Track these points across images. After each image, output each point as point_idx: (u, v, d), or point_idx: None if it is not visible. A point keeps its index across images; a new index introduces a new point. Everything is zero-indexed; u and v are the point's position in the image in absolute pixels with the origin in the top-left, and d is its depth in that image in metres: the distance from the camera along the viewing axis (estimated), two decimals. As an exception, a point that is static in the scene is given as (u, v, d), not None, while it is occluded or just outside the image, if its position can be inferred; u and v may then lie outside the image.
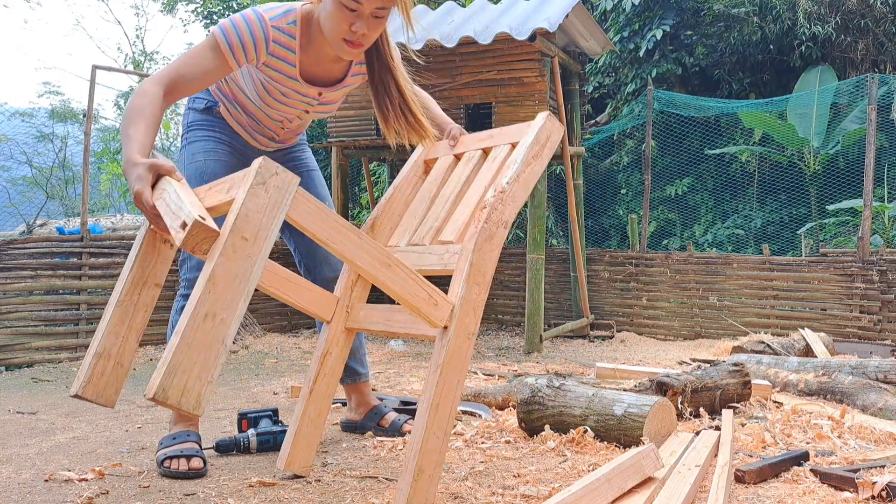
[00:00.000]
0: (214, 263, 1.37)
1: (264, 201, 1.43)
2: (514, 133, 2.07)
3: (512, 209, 1.87)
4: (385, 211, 2.23)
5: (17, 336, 5.23)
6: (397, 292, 1.72)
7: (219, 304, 1.36)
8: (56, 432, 2.85)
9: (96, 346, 1.72)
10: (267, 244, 1.44)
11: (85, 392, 1.71)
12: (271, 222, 1.44)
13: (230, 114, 2.35)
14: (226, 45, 1.98)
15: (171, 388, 1.31)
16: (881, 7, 8.38)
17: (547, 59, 5.70)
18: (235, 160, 2.35)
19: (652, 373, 3.52)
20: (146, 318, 1.80)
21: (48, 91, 15.59)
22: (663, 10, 9.14)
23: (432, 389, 1.71)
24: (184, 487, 1.99)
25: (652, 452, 1.91)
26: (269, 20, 2.03)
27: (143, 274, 1.78)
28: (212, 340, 1.35)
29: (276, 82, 2.16)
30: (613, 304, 6.94)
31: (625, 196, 9.54)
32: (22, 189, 13.30)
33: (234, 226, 1.39)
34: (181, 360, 1.32)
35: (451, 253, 1.86)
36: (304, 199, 1.56)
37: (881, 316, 5.84)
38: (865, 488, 1.86)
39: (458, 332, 1.75)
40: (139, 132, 1.78)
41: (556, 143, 2.01)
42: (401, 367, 4.74)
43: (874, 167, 6.15)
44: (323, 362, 2.06)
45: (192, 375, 1.32)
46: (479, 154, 2.16)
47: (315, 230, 1.59)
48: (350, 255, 1.65)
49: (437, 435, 1.71)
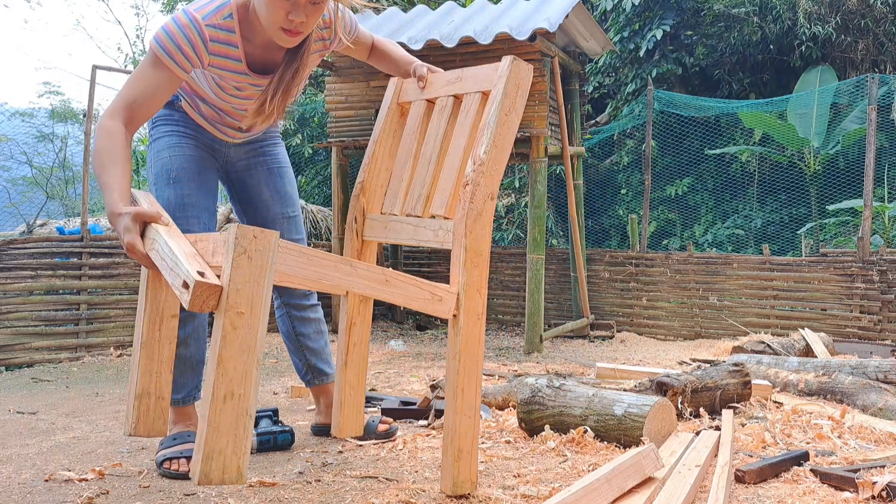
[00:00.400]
0: (219, 347, 1.42)
1: (250, 270, 1.43)
2: (483, 78, 2.00)
3: (495, 178, 1.87)
4: (371, 171, 2.20)
5: (17, 336, 5.23)
6: (401, 303, 1.77)
7: (234, 382, 1.42)
8: (56, 432, 2.85)
9: (134, 388, 1.84)
10: (264, 308, 1.46)
11: (137, 431, 1.84)
12: (262, 288, 1.45)
13: (192, 108, 2.26)
14: (166, 56, 1.90)
15: (212, 471, 1.41)
16: (881, 7, 8.38)
17: (547, 59, 5.70)
18: (203, 153, 2.28)
19: (652, 373, 3.52)
20: (172, 348, 1.88)
21: (48, 91, 15.59)
22: (663, 10, 9.14)
23: (455, 376, 1.83)
24: (184, 487, 1.99)
25: (652, 452, 1.91)
26: (201, 20, 1.93)
27: (157, 310, 1.86)
28: (236, 417, 1.42)
29: (226, 80, 2.08)
30: (613, 304, 6.94)
31: (625, 196, 9.54)
32: (22, 189, 13.29)
33: (228, 304, 1.41)
34: (213, 444, 1.41)
35: (446, 230, 1.89)
36: (287, 251, 1.54)
37: (881, 316, 5.84)
38: (865, 488, 1.86)
39: (468, 316, 1.83)
40: (113, 178, 1.75)
41: (527, 89, 1.95)
42: (401, 367, 4.74)
43: (874, 167, 6.15)
44: (350, 333, 2.12)
45: (227, 454, 1.42)
46: (451, 101, 2.09)
47: (305, 277, 1.58)
48: (347, 286, 1.66)
49: (469, 415, 1.84)
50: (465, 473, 1.85)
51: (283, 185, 2.43)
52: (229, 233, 1.44)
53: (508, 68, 1.90)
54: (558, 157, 6.27)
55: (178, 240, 1.62)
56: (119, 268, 5.70)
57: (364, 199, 2.18)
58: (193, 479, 1.42)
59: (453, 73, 2.12)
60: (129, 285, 5.76)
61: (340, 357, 2.17)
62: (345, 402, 2.15)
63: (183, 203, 2.19)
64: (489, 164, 1.84)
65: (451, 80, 2.11)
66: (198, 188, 2.23)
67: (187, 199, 2.20)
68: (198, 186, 2.23)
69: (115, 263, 5.68)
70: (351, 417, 2.16)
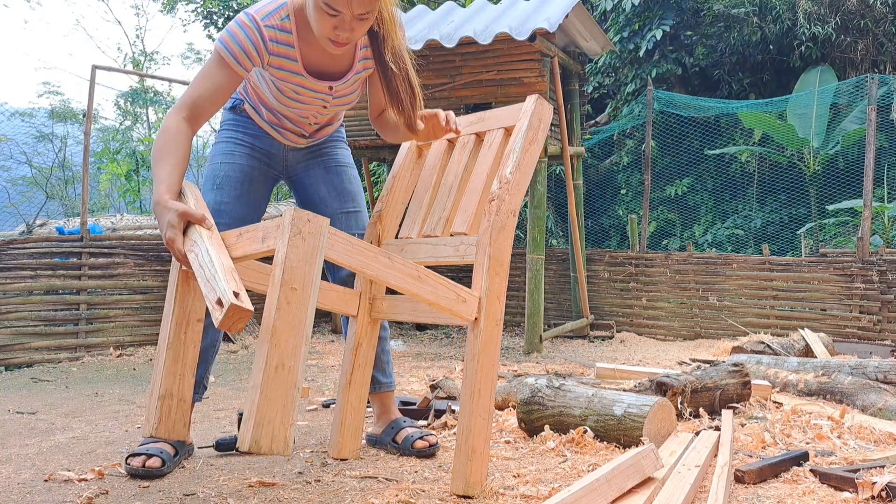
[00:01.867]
0: (273, 318, 1.48)
1: (304, 250, 1.53)
2: (505, 117, 2.13)
3: (517, 197, 1.98)
4: (389, 202, 2.31)
5: (16, 336, 5.22)
6: (430, 300, 1.84)
7: (285, 354, 1.49)
8: (56, 432, 2.85)
9: (158, 388, 1.88)
10: (314, 289, 1.54)
11: (158, 432, 1.88)
12: (314, 268, 1.54)
13: (256, 112, 2.32)
14: (229, 56, 2.00)
15: (262, 438, 1.46)
16: (881, 7, 8.38)
17: (547, 60, 5.70)
18: (255, 163, 2.32)
19: (652, 373, 3.52)
20: (196, 352, 1.94)
21: (48, 91, 15.59)
22: (663, 11, 9.14)
23: (472, 377, 1.88)
24: (183, 487, 1.99)
25: (652, 453, 1.92)
26: (261, 20, 2.02)
27: (185, 313, 1.92)
28: (286, 388, 1.49)
29: (284, 81, 2.14)
30: (613, 305, 6.94)
31: (625, 196, 9.54)
32: (22, 189, 13.29)
33: (283, 279, 1.50)
34: (265, 412, 1.46)
35: (467, 245, 1.99)
36: (335, 237, 1.66)
37: (881, 316, 5.84)
38: (865, 488, 1.86)
39: (488, 321, 1.92)
40: (166, 172, 1.85)
41: (548, 125, 2.09)
42: (400, 367, 4.74)
43: (874, 167, 6.15)
44: (356, 354, 2.21)
45: (276, 423, 1.47)
46: (472, 139, 2.21)
47: (349, 262, 1.69)
48: (384, 277, 1.76)
49: (483, 416, 1.90)
50: (477, 474, 1.89)
51: (341, 181, 2.43)
52: (284, 216, 1.54)
53: (533, 105, 2.05)
54: (558, 158, 6.27)
55: (219, 249, 1.69)
56: (119, 268, 5.70)
57: (380, 227, 2.28)
58: (243, 446, 1.45)
59: (475, 115, 2.25)
60: (129, 285, 5.76)
61: (344, 377, 2.22)
62: (345, 422, 2.21)
63: (219, 210, 2.24)
64: (514, 183, 1.97)
65: (473, 122, 2.25)
66: (238, 198, 2.28)
67: (224, 206, 2.25)
68: (238, 196, 2.28)
69: (114, 263, 5.68)
70: (350, 438, 2.23)
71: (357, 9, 1.91)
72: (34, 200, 12.14)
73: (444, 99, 5.75)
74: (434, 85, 5.83)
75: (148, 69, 15.19)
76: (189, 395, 1.93)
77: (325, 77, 2.17)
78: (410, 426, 2.40)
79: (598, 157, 9.82)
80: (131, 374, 4.77)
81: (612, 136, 9.67)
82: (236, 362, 5.21)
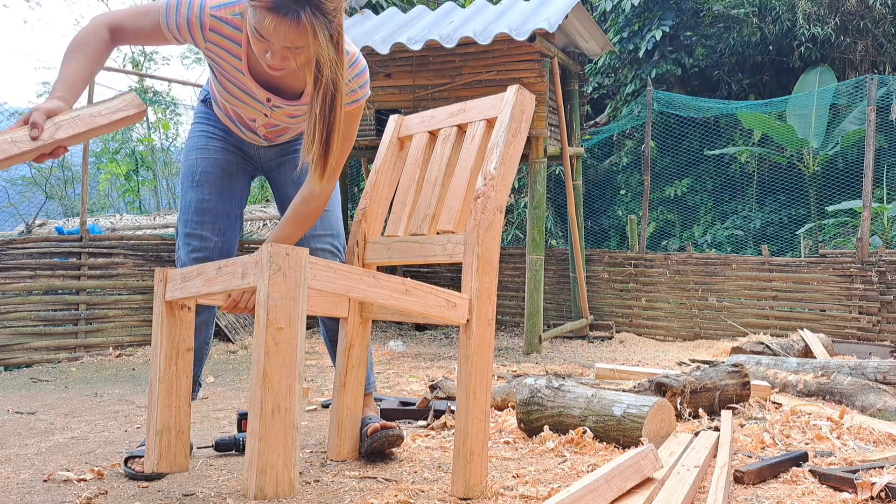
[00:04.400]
0: (263, 363, 1.46)
1: (286, 287, 1.49)
2: (487, 108, 2.08)
3: (503, 192, 1.95)
4: (373, 198, 2.28)
5: (15, 336, 5.22)
6: (420, 311, 1.83)
7: (280, 396, 1.47)
8: (55, 432, 2.85)
9: (154, 424, 1.88)
10: (301, 323, 1.51)
11: (160, 468, 1.89)
12: (298, 303, 1.52)
13: (218, 107, 2.27)
14: (164, 16, 1.94)
15: (266, 485, 1.45)
16: (880, 8, 8.39)
17: (546, 60, 5.70)
18: (231, 156, 2.29)
19: (651, 373, 3.52)
20: (189, 381, 1.94)
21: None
22: (663, 11, 9.14)
23: (467, 379, 1.87)
24: (183, 487, 1.98)
25: (651, 453, 1.91)
26: (209, 7, 1.94)
27: (174, 345, 1.92)
28: (285, 430, 1.48)
29: (226, 74, 2.06)
30: (613, 305, 6.94)
31: (624, 197, 9.54)
32: (21, 189, 13.28)
33: (268, 321, 1.47)
34: (266, 459, 1.46)
35: (455, 243, 1.96)
36: (316, 266, 1.61)
37: (880, 317, 5.84)
38: (864, 489, 1.86)
39: (480, 322, 1.90)
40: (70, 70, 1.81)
41: (531, 115, 2.04)
42: (400, 367, 4.74)
43: (873, 168, 6.15)
44: (349, 355, 2.20)
45: (279, 467, 1.47)
46: (454, 131, 2.16)
47: (334, 288, 1.66)
48: (371, 297, 1.74)
49: (480, 418, 1.88)
50: (477, 476, 1.87)
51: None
52: (262, 253, 1.50)
53: (514, 95, 2.00)
54: (558, 158, 6.27)
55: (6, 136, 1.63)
56: (118, 268, 5.70)
57: (366, 225, 2.26)
58: (248, 495, 1.44)
59: (456, 106, 2.20)
60: (129, 285, 5.76)
61: (338, 379, 2.21)
62: (342, 424, 2.21)
63: (201, 208, 2.23)
64: (499, 179, 1.93)
65: (455, 112, 2.19)
66: (219, 193, 2.26)
67: (206, 203, 2.24)
68: (219, 191, 2.26)
69: (114, 263, 5.68)
70: (348, 440, 2.22)
71: (282, 41, 1.76)
72: (33, 200, 12.13)
73: (444, 99, 5.75)
74: (434, 85, 5.83)
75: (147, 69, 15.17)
76: (186, 427, 1.91)
77: (271, 89, 2.07)
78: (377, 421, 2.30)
79: (597, 157, 9.82)
80: (130, 375, 4.77)
81: (612, 137, 9.67)
82: (235, 362, 5.21)
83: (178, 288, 1.88)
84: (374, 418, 2.32)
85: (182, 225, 2.26)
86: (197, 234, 2.21)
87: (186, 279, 1.84)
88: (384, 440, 2.22)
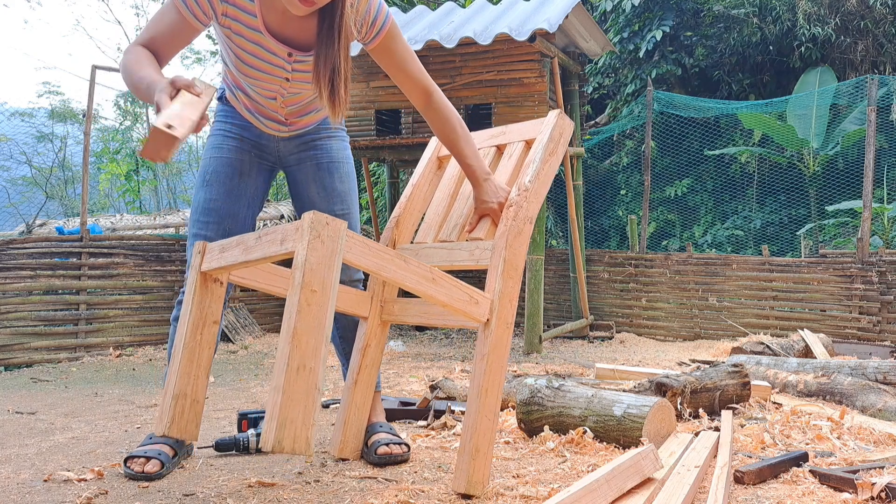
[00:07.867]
0: (294, 320, 1.50)
1: (322, 253, 1.55)
2: (526, 131, 2.19)
3: (535, 205, 2.04)
4: (407, 208, 2.35)
5: (16, 336, 5.22)
6: (443, 301, 1.85)
7: (306, 355, 1.52)
8: (55, 432, 2.85)
9: (172, 388, 1.91)
10: (333, 291, 1.56)
11: (170, 432, 1.91)
12: (332, 270, 1.57)
13: (235, 98, 2.26)
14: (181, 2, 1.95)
15: (285, 438, 1.48)
16: (881, 8, 8.39)
17: (547, 60, 5.70)
18: (245, 155, 2.28)
19: (651, 373, 3.52)
20: (211, 354, 1.98)
21: (48, 91, 15.60)
22: (663, 11, 9.15)
23: (480, 377, 1.90)
24: (183, 487, 1.98)
25: (651, 453, 1.92)
26: None
27: (202, 315, 1.96)
28: (307, 389, 1.52)
29: (242, 38, 2.05)
30: (613, 305, 6.94)
31: (624, 197, 9.54)
32: (22, 189, 13.30)
33: (303, 282, 1.52)
34: (287, 413, 1.49)
35: (482, 249, 2.03)
36: (352, 240, 1.67)
37: (880, 317, 5.84)
38: (864, 489, 1.86)
39: (500, 323, 1.94)
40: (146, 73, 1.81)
41: (568, 139, 2.14)
42: (400, 367, 4.74)
43: (873, 168, 6.15)
44: (364, 354, 2.24)
45: (298, 424, 1.50)
46: (493, 151, 2.28)
47: (366, 264, 1.71)
48: (399, 279, 1.77)
49: (489, 417, 1.91)
50: (480, 474, 1.89)
51: (332, 181, 2.33)
52: (304, 219, 1.56)
53: (555, 118, 2.12)
54: (558, 158, 6.27)
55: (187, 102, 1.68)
56: (118, 268, 5.70)
57: (397, 232, 2.32)
58: (265, 447, 1.47)
59: (497, 129, 2.32)
60: (129, 285, 5.76)
61: (351, 376, 2.24)
62: (349, 421, 2.23)
63: (208, 208, 2.24)
64: (532, 192, 2.02)
65: (495, 135, 2.31)
66: (227, 193, 2.25)
67: (213, 203, 2.24)
68: (227, 192, 2.26)
69: (114, 263, 5.68)
70: (352, 438, 2.24)
71: None
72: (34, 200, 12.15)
73: (444, 99, 5.74)
74: (434, 85, 5.83)
75: (148, 69, 15.14)
76: (202, 397, 1.94)
77: (286, 42, 2.07)
78: (385, 431, 2.28)
79: (597, 157, 9.82)
80: (131, 375, 4.77)
81: (612, 137, 9.68)
82: (236, 362, 5.21)
83: (215, 258, 1.91)
84: (382, 426, 2.31)
85: (190, 224, 2.28)
86: (202, 235, 2.22)
87: (225, 249, 1.88)
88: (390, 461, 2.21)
